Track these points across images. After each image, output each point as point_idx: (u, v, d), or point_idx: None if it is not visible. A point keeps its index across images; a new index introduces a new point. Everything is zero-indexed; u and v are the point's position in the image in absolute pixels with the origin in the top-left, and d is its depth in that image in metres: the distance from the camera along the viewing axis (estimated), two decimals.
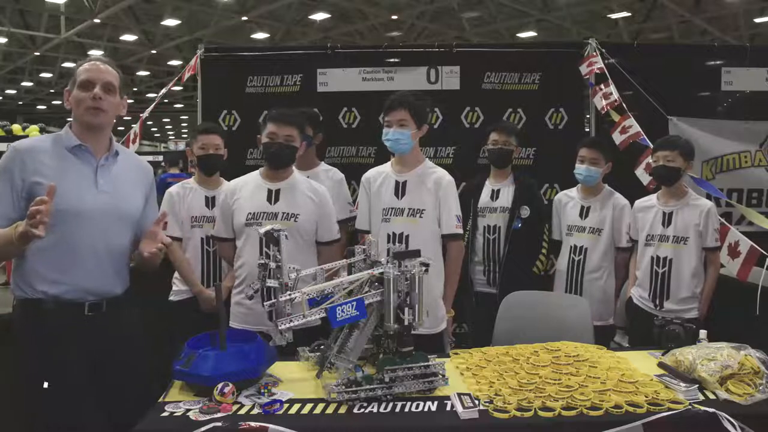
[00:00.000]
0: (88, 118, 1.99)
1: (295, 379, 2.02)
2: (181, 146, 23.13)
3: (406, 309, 1.90)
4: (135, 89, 20.14)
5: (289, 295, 1.91)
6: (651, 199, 3.08)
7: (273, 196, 2.59)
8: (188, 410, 1.75)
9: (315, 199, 2.61)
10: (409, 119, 2.60)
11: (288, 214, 2.55)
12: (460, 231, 2.71)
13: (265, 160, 2.66)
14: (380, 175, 2.75)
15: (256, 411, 1.76)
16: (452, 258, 2.70)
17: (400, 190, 2.68)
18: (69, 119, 2.09)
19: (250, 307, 2.49)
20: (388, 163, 2.79)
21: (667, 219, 2.97)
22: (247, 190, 2.62)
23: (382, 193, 2.71)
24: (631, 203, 3.20)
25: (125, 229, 2.08)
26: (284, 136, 2.56)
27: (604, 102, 3.73)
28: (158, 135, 35.58)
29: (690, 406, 1.78)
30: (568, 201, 3.37)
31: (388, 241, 2.61)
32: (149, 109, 4.31)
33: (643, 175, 3.45)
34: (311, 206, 2.59)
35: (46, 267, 1.93)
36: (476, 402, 1.79)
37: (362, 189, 2.82)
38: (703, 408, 1.76)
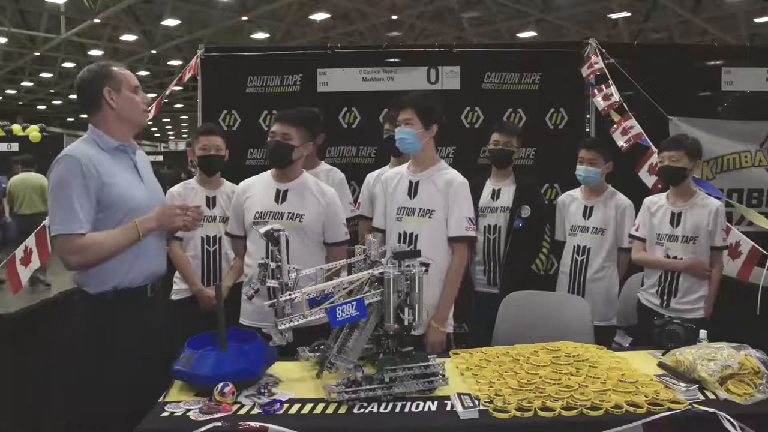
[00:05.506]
0: (144, 118, 2.23)
1: (295, 379, 2.02)
2: (182, 146, 23.15)
3: (406, 309, 1.90)
4: None
5: (289, 295, 1.91)
6: (661, 198, 3.07)
7: (281, 196, 2.62)
8: (188, 410, 1.75)
9: (322, 200, 2.62)
10: (415, 118, 2.62)
11: (293, 214, 2.58)
12: (469, 234, 2.64)
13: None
14: (397, 176, 2.77)
15: (256, 411, 1.75)
16: (453, 262, 2.64)
17: (412, 189, 2.69)
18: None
19: (257, 304, 2.47)
20: (406, 164, 2.81)
21: (676, 219, 2.97)
22: (257, 189, 2.67)
23: (397, 193, 2.73)
24: (636, 203, 3.19)
25: None
26: (282, 134, 2.60)
27: (604, 103, 3.72)
28: (158, 135, 35.59)
29: (690, 406, 1.77)
30: (571, 201, 3.37)
31: (399, 240, 2.62)
32: (152, 110, 4.28)
33: (646, 176, 3.44)
34: (317, 207, 2.60)
35: (120, 263, 2.05)
36: (476, 402, 1.79)
37: (381, 189, 2.85)
38: (703, 408, 1.76)
